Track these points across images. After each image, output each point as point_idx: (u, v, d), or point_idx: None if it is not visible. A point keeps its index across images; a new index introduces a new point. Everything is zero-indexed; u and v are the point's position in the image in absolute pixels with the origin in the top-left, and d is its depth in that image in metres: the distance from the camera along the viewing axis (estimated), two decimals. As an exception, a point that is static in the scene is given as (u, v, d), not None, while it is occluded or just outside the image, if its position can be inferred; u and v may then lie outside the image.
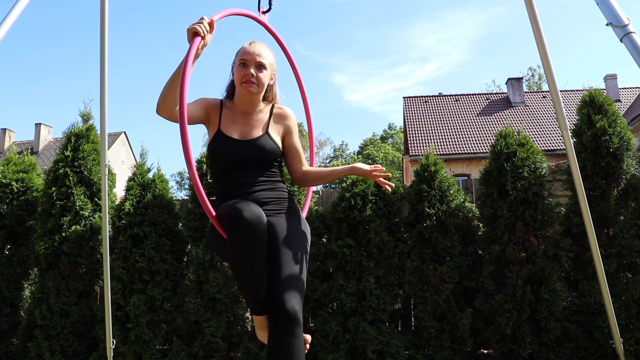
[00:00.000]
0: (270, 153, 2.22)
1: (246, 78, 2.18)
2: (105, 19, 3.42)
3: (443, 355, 4.65)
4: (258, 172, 2.21)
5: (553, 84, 3.14)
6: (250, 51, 2.21)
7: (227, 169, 2.21)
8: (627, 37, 2.21)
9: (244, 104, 2.27)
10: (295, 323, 1.94)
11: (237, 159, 2.19)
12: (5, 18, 2.27)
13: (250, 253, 1.97)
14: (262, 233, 1.98)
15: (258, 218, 1.96)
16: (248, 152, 2.19)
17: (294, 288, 1.98)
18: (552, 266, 4.58)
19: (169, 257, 5.17)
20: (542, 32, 2.93)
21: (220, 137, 2.21)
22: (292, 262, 2.04)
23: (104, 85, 3.64)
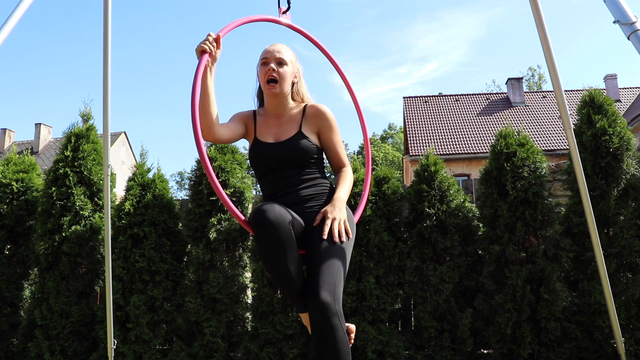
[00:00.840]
0: (304, 151, 2.22)
1: (268, 74, 2.21)
2: (109, 19, 3.42)
3: (443, 355, 4.66)
4: (297, 171, 2.23)
5: (557, 83, 3.14)
6: (269, 50, 2.26)
7: (266, 173, 2.26)
8: (635, 34, 2.21)
9: (274, 107, 2.30)
10: (329, 313, 1.90)
11: (274, 162, 2.23)
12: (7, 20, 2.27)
13: (276, 252, 1.98)
14: (286, 232, 1.97)
15: (281, 217, 1.97)
16: (283, 154, 2.22)
17: (327, 280, 1.95)
18: (552, 266, 4.58)
19: (169, 257, 5.17)
20: (547, 31, 2.93)
21: (257, 144, 2.28)
22: (328, 255, 2.01)
23: (106, 86, 3.64)
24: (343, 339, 1.94)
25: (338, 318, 1.92)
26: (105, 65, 3.59)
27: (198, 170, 5.33)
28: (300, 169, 2.24)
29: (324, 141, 2.31)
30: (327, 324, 1.91)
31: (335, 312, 1.92)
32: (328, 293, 1.92)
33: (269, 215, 1.95)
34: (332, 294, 1.93)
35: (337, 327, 1.92)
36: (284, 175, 2.22)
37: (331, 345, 1.92)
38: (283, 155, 2.21)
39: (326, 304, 1.90)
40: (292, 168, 2.23)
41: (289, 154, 2.21)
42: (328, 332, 1.91)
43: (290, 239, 1.99)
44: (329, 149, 2.32)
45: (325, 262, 1.98)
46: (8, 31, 2.24)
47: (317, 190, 2.25)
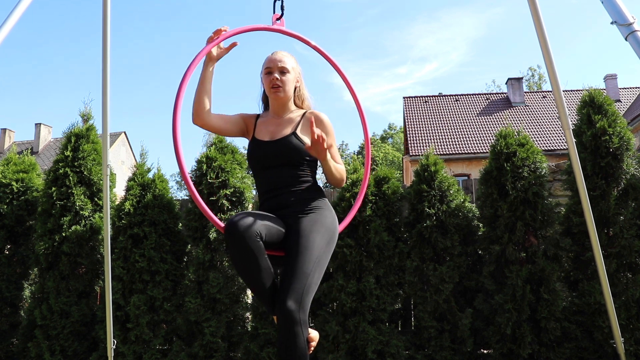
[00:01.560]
0: (297, 151, 2.30)
1: (272, 83, 2.37)
2: (107, 19, 3.41)
3: (443, 355, 4.66)
4: (289, 171, 2.31)
5: (556, 83, 3.14)
6: (272, 59, 2.41)
7: (260, 170, 2.38)
8: (632, 35, 2.21)
9: (276, 108, 2.45)
10: (291, 321, 1.98)
11: (267, 159, 2.33)
12: (7, 20, 2.27)
13: (244, 261, 2.07)
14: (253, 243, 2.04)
15: (250, 229, 2.04)
16: (275, 151, 2.32)
17: (295, 287, 2.02)
18: (552, 266, 4.58)
19: (169, 257, 5.17)
20: (545, 31, 2.93)
21: (253, 142, 2.41)
22: (299, 262, 2.08)
23: (105, 85, 3.64)
24: (302, 346, 2.02)
25: (300, 326, 2.00)
26: (105, 65, 3.59)
27: (198, 170, 5.33)
28: (292, 169, 2.32)
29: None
30: (290, 331, 2.00)
31: (298, 320, 1.99)
32: (294, 301, 2.00)
33: (238, 226, 2.03)
34: (297, 302, 2.00)
35: (297, 335, 2.00)
36: (276, 174, 2.31)
37: (291, 351, 2.01)
38: (276, 153, 2.31)
39: (290, 312, 1.99)
40: (284, 167, 2.31)
41: (281, 151, 2.30)
42: (289, 338, 2.00)
43: (257, 249, 2.06)
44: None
45: (296, 270, 2.06)
46: (7, 31, 2.24)
47: (303, 195, 2.30)
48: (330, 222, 2.29)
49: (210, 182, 5.17)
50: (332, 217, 2.32)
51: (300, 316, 2.00)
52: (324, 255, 2.17)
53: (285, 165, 2.31)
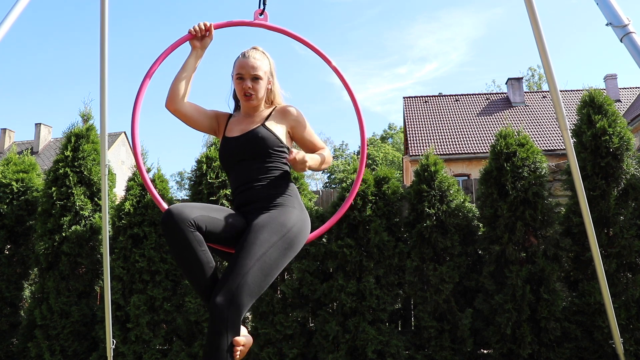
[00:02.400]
0: (263, 140, 2.26)
1: (245, 91, 2.34)
2: (105, 19, 3.42)
3: (443, 355, 4.66)
4: (255, 165, 2.26)
5: (553, 84, 3.14)
6: (243, 65, 2.34)
7: (230, 167, 2.34)
8: (627, 37, 2.21)
9: (247, 110, 2.43)
10: (216, 318, 1.89)
11: (234, 154, 2.30)
12: (5, 18, 2.27)
13: (175, 250, 2.03)
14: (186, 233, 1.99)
15: (182, 219, 1.99)
16: (242, 143, 2.29)
17: (228, 283, 1.93)
18: (552, 266, 4.58)
19: (169, 257, 5.17)
20: (542, 32, 2.93)
21: (224, 140, 2.39)
22: (239, 258, 1.98)
23: (103, 85, 3.64)
24: (221, 347, 1.89)
25: (225, 325, 1.89)
26: (102, 65, 3.58)
27: (198, 170, 5.33)
28: (260, 162, 2.26)
29: (298, 137, 2.40)
30: (212, 328, 1.90)
31: (225, 318, 1.88)
32: (223, 298, 1.90)
33: (173, 215, 1.99)
34: (227, 299, 1.90)
35: (219, 334, 1.89)
36: (244, 168, 2.27)
37: (208, 350, 1.91)
38: (243, 145, 2.28)
39: (216, 307, 1.89)
40: (251, 160, 2.26)
41: (248, 144, 2.27)
42: (210, 336, 1.91)
43: (190, 239, 1.99)
44: (304, 141, 2.41)
45: (234, 266, 1.97)
46: (5, 30, 2.24)
47: (272, 191, 2.23)
48: (292, 219, 2.17)
49: (210, 182, 5.17)
50: (297, 214, 2.21)
51: (227, 314, 1.89)
52: (273, 253, 2.03)
53: (252, 159, 2.26)
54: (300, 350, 4.86)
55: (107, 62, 3.59)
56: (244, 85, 2.33)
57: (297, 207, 2.26)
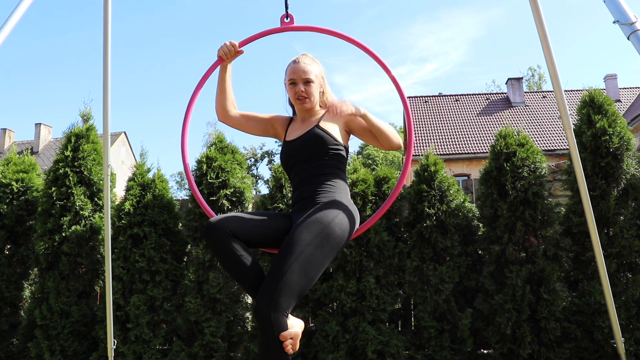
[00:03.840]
0: (317, 139, 2.33)
1: (298, 95, 2.41)
2: (109, 18, 3.41)
3: (443, 355, 4.66)
4: (311, 165, 2.33)
5: (557, 84, 3.14)
6: (295, 70, 2.42)
7: (289, 169, 2.44)
8: (634, 34, 2.21)
9: (303, 114, 2.50)
10: (261, 322, 1.99)
11: (292, 155, 2.40)
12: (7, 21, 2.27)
13: (219, 259, 2.17)
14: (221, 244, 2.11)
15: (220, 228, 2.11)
16: (299, 145, 2.37)
17: (269, 288, 2.00)
18: (552, 266, 4.58)
19: (169, 257, 5.17)
20: (547, 30, 2.93)
21: (284, 144, 2.49)
22: (278, 260, 2.04)
23: (106, 85, 3.64)
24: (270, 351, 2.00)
25: (271, 330, 1.97)
26: (105, 65, 3.59)
27: (198, 170, 5.33)
28: (315, 160, 2.33)
29: (357, 127, 2.41)
30: (261, 333, 2.02)
31: (271, 324, 1.97)
32: (266, 303, 1.98)
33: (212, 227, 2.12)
34: (270, 304, 1.97)
35: (266, 341, 2.00)
36: (300, 169, 2.35)
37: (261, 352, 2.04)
38: (300, 147, 2.36)
39: (262, 315, 1.99)
40: (308, 162, 2.33)
41: (305, 144, 2.35)
42: (261, 341, 2.03)
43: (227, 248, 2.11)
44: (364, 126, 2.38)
45: (274, 269, 2.04)
46: (8, 31, 2.24)
47: (319, 188, 2.29)
48: (331, 214, 2.16)
49: (210, 182, 5.17)
50: (338, 209, 2.19)
51: (272, 319, 1.96)
52: (311, 250, 2.04)
53: (308, 160, 2.33)
54: (300, 350, 4.86)
55: (110, 63, 3.59)
56: (297, 89, 2.40)
57: (342, 201, 2.26)
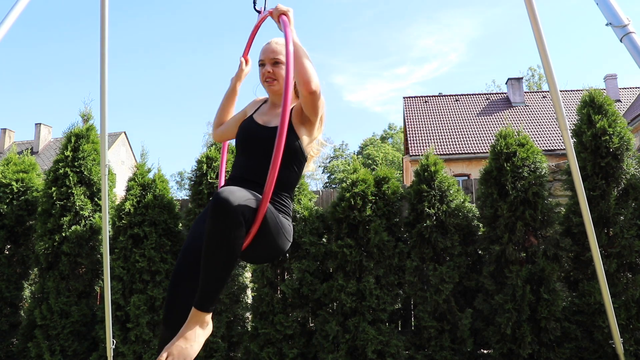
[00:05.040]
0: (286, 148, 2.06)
1: (265, 76, 2.29)
2: (106, 19, 3.42)
3: (443, 355, 4.66)
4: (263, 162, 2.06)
5: (553, 84, 3.14)
6: (265, 50, 2.30)
7: (241, 150, 2.25)
8: (627, 37, 2.21)
9: (273, 99, 2.37)
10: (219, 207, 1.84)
11: (251, 140, 2.22)
12: (5, 18, 2.27)
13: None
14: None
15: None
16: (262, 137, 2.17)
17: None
18: (552, 266, 4.58)
19: (169, 257, 5.17)
20: (542, 31, 2.93)
21: (248, 119, 2.33)
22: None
23: (104, 85, 3.64)
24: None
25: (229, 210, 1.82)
26: (102, 65, 3.59)
27: (198, 170, 5.33)
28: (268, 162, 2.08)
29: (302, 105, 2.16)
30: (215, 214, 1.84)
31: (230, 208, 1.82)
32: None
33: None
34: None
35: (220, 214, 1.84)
36: (254, 160, 2.15)
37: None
38: (262, 138, 2.16)
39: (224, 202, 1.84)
40: (261, 157, 2.12)
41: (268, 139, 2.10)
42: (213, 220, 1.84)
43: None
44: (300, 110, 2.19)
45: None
46: (6, 30, 2.24)
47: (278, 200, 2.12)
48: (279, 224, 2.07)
49: (210, 182, 5.17)
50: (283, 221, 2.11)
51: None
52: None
53: (263, 156, 2.08)
54: (300, 350, 4.86)
55: (107, 62, 3.59)
56: (264, 70, 2.27)
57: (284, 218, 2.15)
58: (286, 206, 2.18)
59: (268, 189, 1.87)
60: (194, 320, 1.91)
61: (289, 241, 2.14)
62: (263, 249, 2.06)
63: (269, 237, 2.00)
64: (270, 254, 2.14)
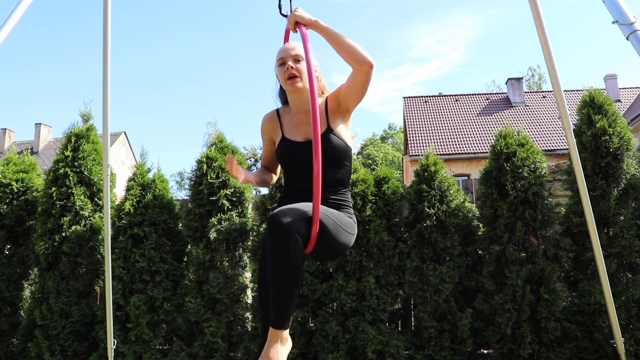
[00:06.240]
0: (335, 149, 2.16)
1: (288, 73, 2.19)
2: (108, 18, 3.41)
3: (443, 355, 4.66)
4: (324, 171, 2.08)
5: (557, 84, 3.14)
6: (284, 49, 2.25)
7: (295, 172, 2.23)
8: (634, 35, 2.20)
9: (298, 102, 2.26)
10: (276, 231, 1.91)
11: (301, 160, 2.17)
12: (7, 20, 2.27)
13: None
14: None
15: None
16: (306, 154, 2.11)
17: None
18: (552, 266, 4.58)
19: (169, 257, 5.17)
20: (546, 31, 2.92)
21: (286, 143, 2.24)
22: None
23: (106, 85, 3.64)
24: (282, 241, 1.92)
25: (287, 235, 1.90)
26: (105, 65, 3.59)
27: (198, 170, 5.33)
28: (329, 169, 2.13)
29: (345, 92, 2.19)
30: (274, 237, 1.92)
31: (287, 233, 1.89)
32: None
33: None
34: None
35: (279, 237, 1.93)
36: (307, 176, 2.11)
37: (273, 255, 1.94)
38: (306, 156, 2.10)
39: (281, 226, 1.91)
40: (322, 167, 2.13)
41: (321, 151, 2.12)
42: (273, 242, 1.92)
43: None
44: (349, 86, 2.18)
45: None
46: (8, 31, 2.24)
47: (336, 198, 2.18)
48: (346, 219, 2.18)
49: (210, 182, 5.17)
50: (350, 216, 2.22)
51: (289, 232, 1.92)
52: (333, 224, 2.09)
53: (324, 165, 2.08)
54: (300, 350, 4.86)
55: (110, 62, 3.59)
56: (287, 67, 2.18)
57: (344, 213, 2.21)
58: (346, 201, 2.24)
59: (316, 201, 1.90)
60: (274, 339, 2.00)
61: (351, 234, 2.17)
62: (327, 248, 2.11)
63: (330, 238, 2.05)
64: (336, 250, 2.16)
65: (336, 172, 2.19)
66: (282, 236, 1.86)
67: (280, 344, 2.01)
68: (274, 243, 1.88)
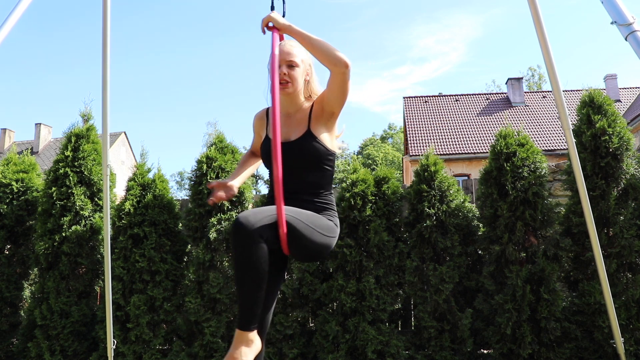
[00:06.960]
0: (313, 154, 2.18)
1: (280, 79, 2.18)
2: (107, 18, 3.42)
3: (443, 355, 4.66)
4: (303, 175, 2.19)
5: (556, 84, 3.14)
6: (279, 52, 2.20)
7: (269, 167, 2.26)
8: (632, 35, 2.21)
9: (286, 105, 2.27)
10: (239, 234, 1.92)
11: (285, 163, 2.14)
12: (6, 20, 2.27)
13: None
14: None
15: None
16: (291, 154, 2.16)
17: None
18: (552, 266, 4.58)
19: (169, 257, 5.17)
20: (546, 32, 2.93)
21: (267, 142, 2.27)
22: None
23: (105, 85, 3.65)
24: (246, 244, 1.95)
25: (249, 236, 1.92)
26: (105, 65, 3.59)
27: (198, 170, 5.33)
28: (307, 172, 2.19)
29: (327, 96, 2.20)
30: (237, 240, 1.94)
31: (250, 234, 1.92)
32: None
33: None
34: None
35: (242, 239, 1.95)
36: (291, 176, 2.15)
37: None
38: (291, 156, 2.15)
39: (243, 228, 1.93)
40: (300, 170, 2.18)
41: (295, 154, 2.16)
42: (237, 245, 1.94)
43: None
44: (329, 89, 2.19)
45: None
46: (7, 31, 2.24)
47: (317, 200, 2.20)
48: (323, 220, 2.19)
49: (209, 181, 5.17)
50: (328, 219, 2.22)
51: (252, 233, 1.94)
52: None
53: (301, 169, 2.18)
54: (300, 350, 4.87)
55: (109, 62, 3.59)
56: (280, 72, 2.17)
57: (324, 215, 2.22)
58: (327, 204, 2.24)
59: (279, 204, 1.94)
60: (239, 341, 1.99)
61: (328, 236, 2.16)
62: (301, 250, 2.12)
63: (302, 240, 2.05)
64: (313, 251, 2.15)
65: (316, 175, 2.20)
66: (244, 239, 1.89)
67: (246, 346, 2.00)
68: (237, 246, 1.91)
